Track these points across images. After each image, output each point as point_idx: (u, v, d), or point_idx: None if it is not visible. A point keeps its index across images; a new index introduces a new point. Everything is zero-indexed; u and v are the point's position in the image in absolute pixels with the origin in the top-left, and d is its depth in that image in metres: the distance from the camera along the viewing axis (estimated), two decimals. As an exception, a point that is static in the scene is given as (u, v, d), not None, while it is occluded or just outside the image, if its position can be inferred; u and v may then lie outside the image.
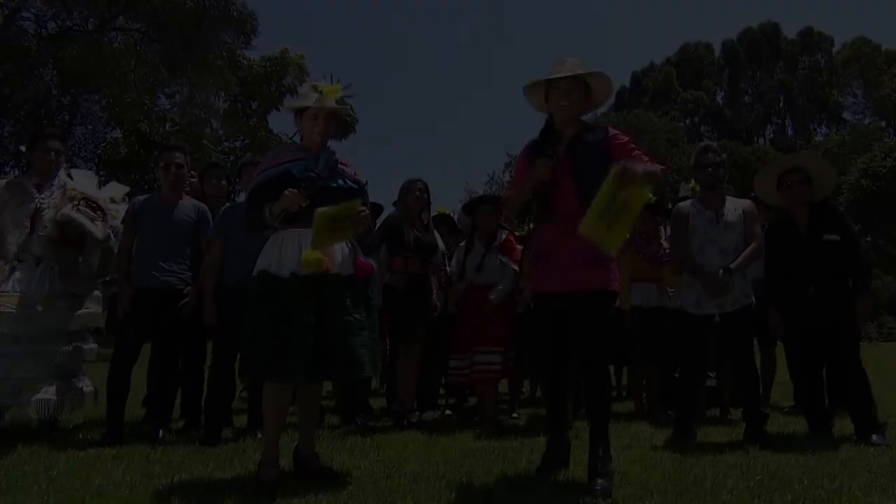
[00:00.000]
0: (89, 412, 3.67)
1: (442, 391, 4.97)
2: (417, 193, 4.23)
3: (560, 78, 2.60)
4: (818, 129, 44.46)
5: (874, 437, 3.18)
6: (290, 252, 2.51)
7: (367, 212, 2.62)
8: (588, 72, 2.62)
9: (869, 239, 25.06)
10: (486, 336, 4.03)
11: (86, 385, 3.51)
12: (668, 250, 4.40)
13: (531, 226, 5.10)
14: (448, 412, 4.55)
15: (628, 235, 2.42)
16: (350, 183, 2.69)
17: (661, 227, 5.07)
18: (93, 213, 3.33)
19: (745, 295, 3.41)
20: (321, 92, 2.66)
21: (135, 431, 3.62)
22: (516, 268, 4.13)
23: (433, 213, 5.26)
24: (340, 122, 3.05)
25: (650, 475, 2.54)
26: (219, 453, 3.00)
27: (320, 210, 2.40)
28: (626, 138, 2.62)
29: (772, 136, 46.28)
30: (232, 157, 19.65)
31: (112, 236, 3.57)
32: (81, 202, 3.35)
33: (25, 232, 3.32)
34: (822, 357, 3.56)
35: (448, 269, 4.62)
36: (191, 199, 3.75)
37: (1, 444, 3.02)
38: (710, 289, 3.32)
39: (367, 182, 2.86)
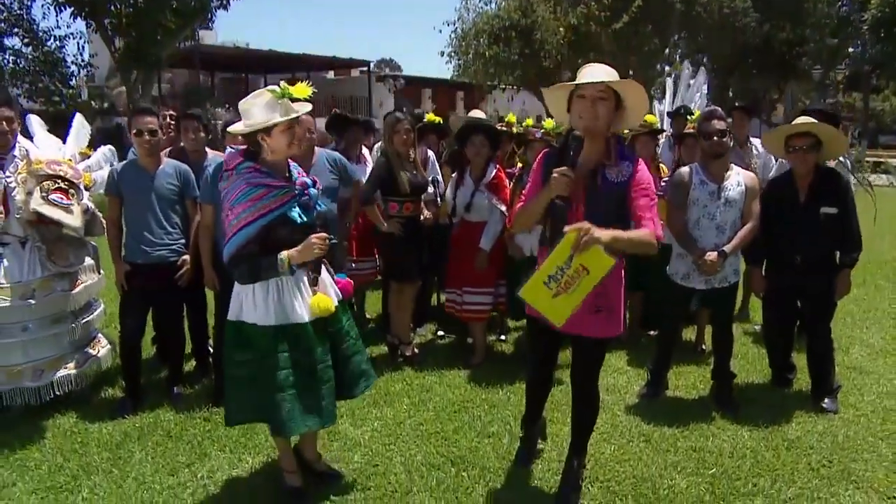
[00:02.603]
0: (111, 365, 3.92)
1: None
2: (405, 136, 4.03)
3: (587, 84, 2.26)
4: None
5: (826, 401, 3.50)
6: (289, 298, 2.42)
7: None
8: (621, 82, 2.29)
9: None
10: (476, 277, 4.16)
11: (102, 347, 3.70)
12: (665, 180, 4.33)
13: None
14: (440, 333, 4.86)
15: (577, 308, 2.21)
16: (322, 205, 2.65)
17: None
18: (66, 200, 3.20)
19: (734, 272, 3.47)
20: (289, 96, 2.38)
21: (150, 374, 3.93)
22: (504, 209, 4.12)
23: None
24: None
25: (615, 471, 2.88)
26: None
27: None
28: (649, 180, 2.36)
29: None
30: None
31: (90, 207, 3.47)
32: (49, 183, 3.18)
33: (1, 217, 3.23)
34: (795, 318, 3.75)
35: (439, 200, 4.58)
36: (170, 161, 3.58)
37: (32, 421, 3.31)
38: (701, 270, 3.37)
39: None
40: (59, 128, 3.77)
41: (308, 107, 2.52)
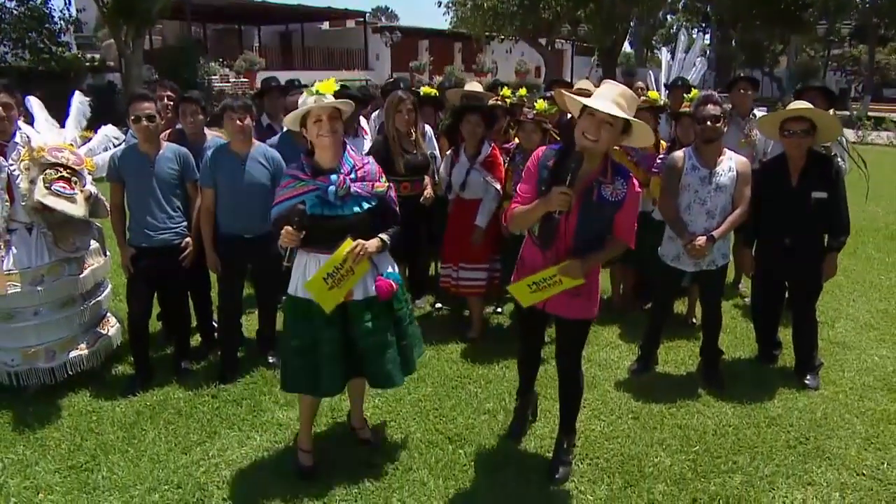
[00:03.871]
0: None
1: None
2: (407, 116, 4.03)
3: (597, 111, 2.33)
4: None
5: (808, 378, 3.66)
6: (300, 275, 2.67)
7: (365, 245, 2.59)
8: (634, 120, 2.39)
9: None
10: (471, 253, 4.26)
11: (111, 326, 3.81)
12: (660, 158, 4.36)
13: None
14: (438, 305, 4.98)
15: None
16: (367, 204, 2.68)
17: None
18: (69, 189, 3.23)
19: (722, 256, 3.56)
20: (317, 92, 2.58)
21: (157, 349, 4.06)
22: (498, 186, 4.18)
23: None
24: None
25: (604, 448, 3.05)
26: (237, 403, 3.45)
27: (307, 283, 2.56)
28: (638, 202, 2.54)
29: None
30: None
31: (93, 192, 3.52)
32: (52, 172, 3.22)
33: (7, 205, 3.28)
34: (783, 297, 3.86)
35: (435, 176, 4.62)
36: (170, 145, 3.60)
37: (49, 400, 3.45)
38: (690, 254, 3.45)
39: (389, 186, 2.81)
40: (52, 87, 3.75)
41: (336, 103, 2.63)
